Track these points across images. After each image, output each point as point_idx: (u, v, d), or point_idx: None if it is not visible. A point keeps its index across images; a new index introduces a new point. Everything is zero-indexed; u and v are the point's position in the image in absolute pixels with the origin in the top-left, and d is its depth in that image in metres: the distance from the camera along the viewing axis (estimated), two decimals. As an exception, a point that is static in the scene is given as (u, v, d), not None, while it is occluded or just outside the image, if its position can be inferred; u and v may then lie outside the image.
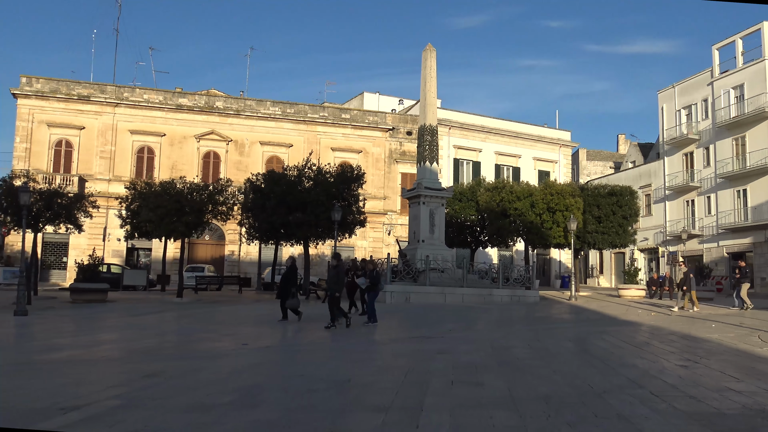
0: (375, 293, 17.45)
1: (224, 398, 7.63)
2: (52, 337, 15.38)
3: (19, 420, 6.44)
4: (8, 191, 26.56)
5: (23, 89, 43.02)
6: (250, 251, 43.65)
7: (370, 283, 17.61)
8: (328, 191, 30.04)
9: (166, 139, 45.29)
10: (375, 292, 17.45)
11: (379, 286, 17.82)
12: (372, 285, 17.49)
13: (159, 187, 29.83)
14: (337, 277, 16.59)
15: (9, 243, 40.60)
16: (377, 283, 17.58)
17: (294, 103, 48.71)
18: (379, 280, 17.86)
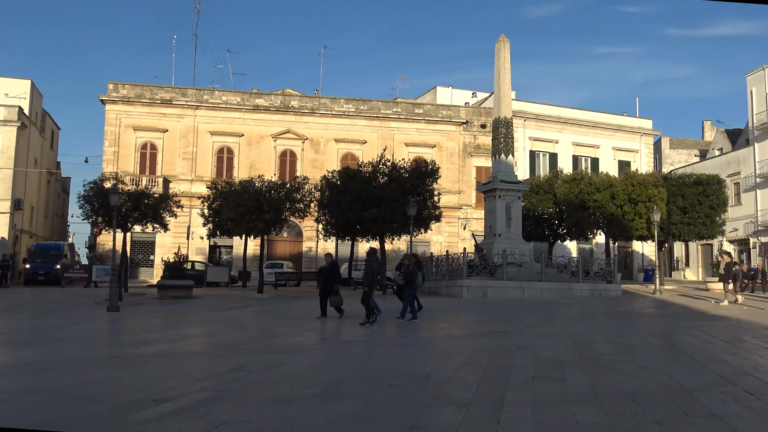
0: (411, 290, 16.87)
1: (307, 391, 7.78)
2: (142, 331, 16.09)
3: (115, 410, 6.76)
4: (99, 193, 27.91)
5: (110, 95, 45.08)
6: (327, 247, 44.28)
7: (405, 279, 17.22)
8: (403, 187, 30.13)
9: (244, 139, 46.49)
10: (411, 289, 16.87)
11: (416, 282, 16.97)
12: (407, 282, 17.03)
13: (239, 186, 30.64)
14: (369, 272, 16.52)
15: (101, 242, 42.67)
16: (412, 280, 16.88)
17: (367, 100, 49.03)
18: (414, 277, 16.95)
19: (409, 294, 16.79)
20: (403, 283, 17.48)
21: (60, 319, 18.73)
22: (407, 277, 17.01)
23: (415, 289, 17.03)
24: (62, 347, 12.94)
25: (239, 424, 6.17)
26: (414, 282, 16.83)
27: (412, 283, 16.82)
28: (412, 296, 16.89)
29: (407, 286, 16.92)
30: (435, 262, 31.34)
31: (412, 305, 16.81)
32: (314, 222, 36.79)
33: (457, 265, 28.57)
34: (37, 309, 22.01)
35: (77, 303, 24.26)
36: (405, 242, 38.86)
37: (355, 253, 38.02)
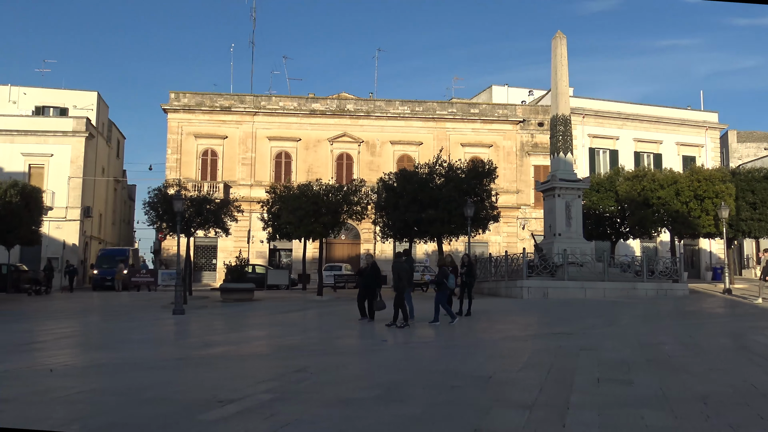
0: (442, 293, 16.57)
1: (369, 393, 7.81)
2: (206, 334, 16.47)
3: (183, 411, 6.94)
4: (163, 200, 28.74)
5: (172, 104, 46.38)
6: (384, 249, 44.43)
7: (436, 282, 16.95)
8: (460, 187, 29.98)
9: (301, 143, 47.09)
10: (442, 292, 16.58)
11: (447, 284, 16.60)
12: (438, 284, 16.74)
13: (297, 190, 31.03)
14: (399, 274, 16.29)
15: (165, 247, 43.92)
16: (443, 282, 16.54)
17: (422, 101, 48.98)
18: (444, 279, 16.55)
19: (440, 297, 16.50)
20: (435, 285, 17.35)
21: (128, 322, 19.37)
22: (439, 279, 16.79)
23: (446, 292, 16.76)
24: (131, 349, 13.36)
25: (303, 425, 6.24)
26: (445, 284, 16.57)
27: (444, 286, 16.59)
28: (444, 299, 16.58)
29: (439, 289, 16.69)
30: (494, 262, 31.04)
31: (445, 307, 16.51)
32: (371, 224, 36.96)
33: (516, 266, 28.22)
34: (105, 313, 22.81)
35: (144, 306, 25.03)
36: (463, 243, 38.62)
37: (413, 255, 37.99)
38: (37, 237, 34.65)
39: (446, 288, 16.51)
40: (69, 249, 41.84)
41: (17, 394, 8.08)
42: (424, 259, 42.48)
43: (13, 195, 30.47)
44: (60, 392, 8.33)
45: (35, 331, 17.71)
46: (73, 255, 41.81)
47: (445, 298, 16.56)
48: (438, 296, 16.41)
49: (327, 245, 41.93)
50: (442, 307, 16.24)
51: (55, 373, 9.99)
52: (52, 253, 40.89)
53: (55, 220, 41.41)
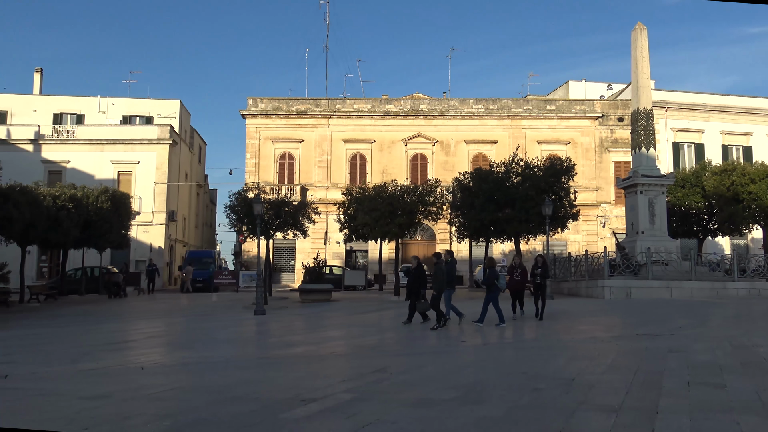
0: (493, 294, 16.24)
1: (449, 394, 7.76)
2: (286, 334, 16.80)
3: (267, 409, 7.08)
4: (243, 203, 29.53)
5: (250, 110, 47.63)
6: (460, 249, 44.09)
7: (485, 283, 16.67)
8: (537, 185, 29.47)
9: (375, 145, 47.41)
10: (493, 293, 16.25)
11: (497, 285, 16.31)
12: (488, 285, 16.45)
13: (372, 191, 31.26)
14: (437, 275, 16.09)
15: (245, 249, 45.11)
16: (493, 283, 16.23)
17: (497, 99, 48.42)
18: (495, 280, 16.23)
19: (490, 297, 16.21)
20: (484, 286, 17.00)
21: (212, 323, 19.98)
22: (487, 280, 16.52)
23: (497, 293, 16.43)
24: (215, 348, 13.79)
25: (385, 425, 6.25)
26: (495, 285, 16.31)
27: (494, 286, 16.31)
28: (495, 300, 16.24)
29: (488, 290, 16.40)
30: (573, 262, 30.33)
31: (496, 307, 16.13)
32: (447, 224, 36.81)
33: (597, 265, 27.48)
34: (190, 313, 23.60)
35: (226, 307, 25.76)
36: (541, 242, 37.93)
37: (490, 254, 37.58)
38: (126, 241, 36.24)
39: (497, 289, 16.32)
40: (155, 252, 43.58)
41: (112, 391, 8.46)
42: (500, 259, 41.97)
43: (103, 201, 31.98)
44: (151, 389, 8.68)
45: (126, 330, 18.53)
46: (159, 258, 43.52)
47: (496, 299, 16.26)
48: (488, 297, 16.19)
49: (403, 246, 41.98)
50: (494, 307, 15.97)
51: (146, 370, 10.42)
52: (140, 256, 42.71)
53: (142, 224, 43.21)
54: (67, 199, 29.16)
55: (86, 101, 49.27)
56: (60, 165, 44.30)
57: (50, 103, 49.07)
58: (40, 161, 44.10)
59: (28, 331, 17.51)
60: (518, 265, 17.31)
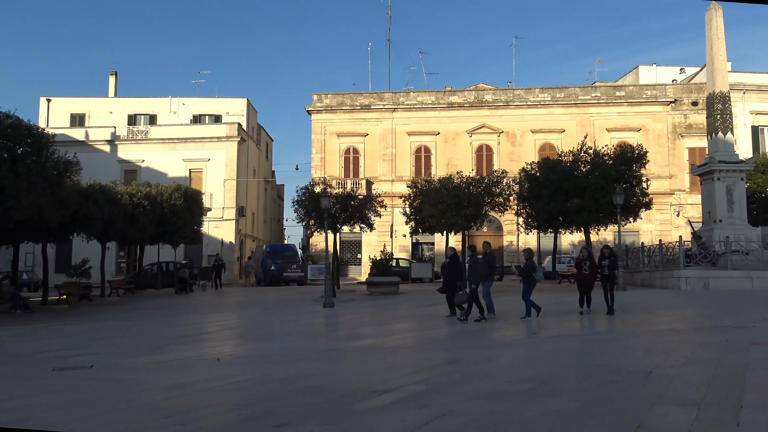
0: (528, 286, 15.89)
1: (522, 386, 7.67)
2: (355, 326, 16.94)
3: (340, 400, 7.17)
4: (311, 197, 29.93)
5: (315, 106, 48.19)
6: (528, 240, 43.56)
7: (523, 275, 16.23)
8: (608, 174, 28.75)
9: (440, 137, 47.21)
10: (528, 285, 15.90)
11: (535, 277, 15.91)
12: (525, 277, 16.05)
13: (438, 183, 31.14)
14: (473, 267, 15.73)
15: (313, 243, 45.75)
16: (530, 275, 15.85)
17: (563, 87, 47.39)
18: (532, 272, 15.89)
19: (527, 290, 15.89)
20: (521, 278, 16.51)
21: (282, 315, 20.36)
22: (525, 272, 16.12)
23: (533, 285, 16.07)
24: (287, 341, 14.05)
25: (457, 416, 6.24)
26: (532, 277, 15.95)
27: (531, 278, 15.95)
28: (530, 292, 15.92)
29: (526, 282, 16.02)
30: (647, 252, 29.45)
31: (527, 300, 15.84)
32: (514, 215, 36.35)
33: (672, 255, 26.60)
34: (261, 306, 24.08)
35: (295, 300, 26.17)
36: (612, 233, 37.04)
37: (559, 245, 36.95)
38: (198, 236, 37.30)
39: (534, 281, 15.99)
40: (226, 247, 44.75)
41: (190, 381, 8.74)
42: (569, 250, 41.19)
43: (176, 198, 33.00)
44: (227, 380, 8.93)
45: (201, 323, 19.09)
46: (230, 252, 44.64)
47: (531, 290, 15.93)
48: (525, 289, 15.88)
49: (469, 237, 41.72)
50: (525, 299, 15.72)
51: (222, 362, 10.71)
52: (212, 251, 43.92)
53: (213, 220, 44.41)
54: (143, 197, 30.22)
55: (158, 102, 50.96)
56: (135, 164, 46.02)
57: (125, 104, 50.99)
58: (116, 161, 45.92)
59: (109, 324, 18.27)
60: (586, 257, 16.53)
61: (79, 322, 18.74)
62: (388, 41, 62.85)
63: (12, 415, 6.77)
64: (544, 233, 35.39)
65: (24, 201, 18.05)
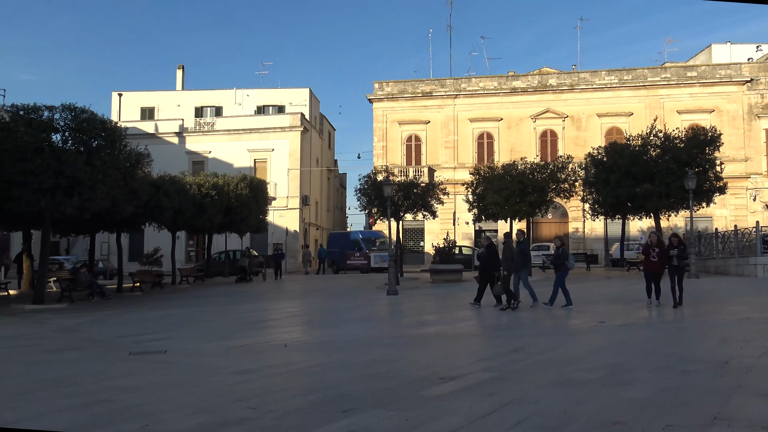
0: (562, 273, 15.49)
1: (592, 375, 7.53)
2: (419, 313, 16.96)
3: (407, 386, 7.19)
4: (373, 186, 30.04)
5: (376, 94, 48.26)
6: (594, 227, 42.64)
7: (554, 263, 15.83)
8: (679, 158, 27.79)
9: (503, 123, 46.59)
10: (562, 273, 15.50)
11: (567, 265, 15.51)
12: (557, 265, 15.63)
13: (501, 170, 30.75)
14: (506, 256, 15.35)
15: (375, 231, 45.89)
16: (562, 263, 15.44)
17: (631, 69, 45.95)
18: (564, 260, 15.47)
19: (559, 278, 15.51)
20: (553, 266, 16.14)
21: (347, 303, 20.55)
22: (556, 260, 15.72)
23: (566, 273, 15.67)
24: (352, 327, 14.18)
25: (526, 404, 6.17)
26: (565, 265, 15.53)
27: (563, 266, 15.53)
28: (563, 280, 15.53)
29: (557, 270, 15.63)
30: (721, 238, 28.37)
31: (561, 287, 15.46)
32: (580, 201, 35.60)
33: (748, 241, 25.56)
34: (326, 294, 24.38)
35: (359, 288, 26.38)
36: (683, 218, 35.86)
37: (627, 232, 36.00)
38: (264, 225, 38.00)
39: (566, 269, 15.63)
40: (291, 235, 45.45)
41: (259, 366, 8.94)
42: (638, 237, 40.08)
43: (242, 188, 33.69)
44: (295, 366, 9.09)
45: (268, 310, 19.48)
46: (295, 241, 45.34)
47: (563, 278, 15.58)
48: (558, 277, 15.54)
49: (533, 225, 41.16)
50: (561, 289, 15.35)
51: (289, 348, 10.91)
52: (277, 240, 44.69)
53: (278, 209, 45.17)
54: (210, 187, 30.98)
55: (223, 94, 52.08)
56: (202, 155, 47.21)
57: (192, 97, 52.34)
58: (184, 152, 47.21)
59: (180, 311, 18.85)
60: (655, 243, 15.45)
61: (152, 309, 19.41)
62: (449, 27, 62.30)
63: (93, 396, 7.07)
64: (612, 219, 34.62)
65: (99, 192, 18.73)
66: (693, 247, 24.75)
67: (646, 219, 33.71)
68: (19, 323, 15.92)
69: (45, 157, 17.79)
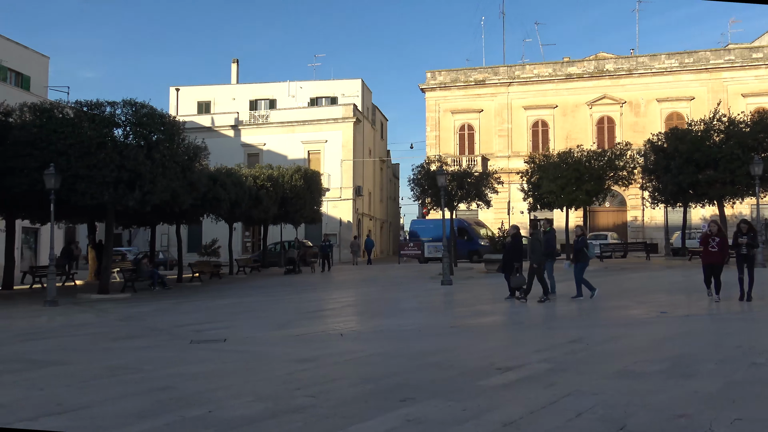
0: (581, 264, 15.09)
1: (654, 366, 7.35)
2: (474, 303, 16.86)
3: (464, 376, 7.16)
4: (426, 176, 29.97)
5: (429, 84, 48.03)
6: (654, 215, 41.52)
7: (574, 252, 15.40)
8: (744, 143, 26.80)
9: (558, 110, 45.77)
10: (581, 263, 15.09)
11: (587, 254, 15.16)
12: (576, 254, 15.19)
13: (557, 158, 30.27)
14: (534, 247, 14.94)
15: (429, 221, 45.79)
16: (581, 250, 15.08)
17: (692, 52, 44.45)
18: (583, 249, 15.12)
19: (579, 269, 15.10)
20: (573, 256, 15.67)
21: (401, 293, 20.62)
22: (577, 250, 15.29)
23: (586, 263, 15.26)
24: (407, 317, 14.22)
25: (586, 396, 6.06)
26: (585, 255, 15.15)
27: (583, 256, 15.14)
28: (583, 270, 15.12)
29: (577, 260, 15.19)
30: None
31: (580, 279, 15.10)
32: (639, 189, 34.72)
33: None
34: (380, 284, 24.48)
35: (413, 278, 26.40)
36: (749, 206, 34.57)
37: (689, 220, 34.96)
38: (318, 216, 38.39)
39: (586, 258, 15.28)
40: (344, 226, 45.77)
41: (317, 355, 9.04)
42: (701, 225, 38.85)
43: (297, 179, 34.10)
44: (351, 355, 9.16)
45: (323, 299, 19.69)
46: (348, 231, 45.62)
47: (584, 269, 15.22)
48: (577, 267, 15.17)
49: (590, 213, 40.37)
50: (577, 279, 15.10)
51: (345, 337, 11.00)
52: (331, 230, 45.08)
53: (332, 200, 45.50)
54: (266, 179, 31.45)
55: (277, 87, 52.64)
56: (257, 147, 47.92)
57: (246, 91, 53.10)
58: (240, 145, 48.00)
59: (238, 300, 19.22)
60: (715, 232, 14.14)
61: (212, 298, 19.84)
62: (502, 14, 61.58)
63: (157, 383, 7.28)
64: (673, 207, 33.64)
65: (159, 185, 19.22)
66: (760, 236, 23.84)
67: (708, 207, 32.67)
68: (85, 312, 16.52)
69: (108, 151, 18.34)
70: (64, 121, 18.82)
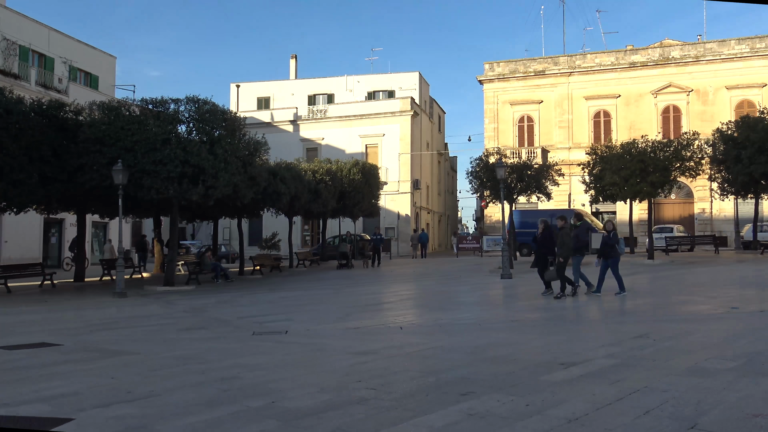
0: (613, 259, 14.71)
1: (725, 364, 7.07)
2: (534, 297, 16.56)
3: (526, 370, 7.05)
4: (485, 168, 29.68)
5: (487, 75, 47.51)
6: (723, 208, 40.08)
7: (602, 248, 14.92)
8: (822, 131, 25.57)
9: (621, 99, 44.62)
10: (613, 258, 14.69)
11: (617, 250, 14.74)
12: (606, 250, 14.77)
13: (620, 148, 29.47)
14: (563, 240, 14.36)
15: (487, 214, 45.45)
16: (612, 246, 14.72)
17: (764, 36, 42.57)
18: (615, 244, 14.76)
19: (612, 264, 14.70)
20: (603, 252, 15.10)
21: (460, 286, 20.49)
22: (605, 246, 14.83)
23: (618, 259, 14.78)
24: (467, 311, 14.12)
25: (655, 393, 5.88)
26: (616, 250, 14.70)
27: (613, 251, 14.69)
28: (616, 266, 14.70)
29: (608, 256, 14.75)
30: None
31: (617, 275, 14.66)
32: (707, 180, 33.55)
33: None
34: (438, 277, 24.40)
35: (472, 271, 26.21)
36: (826, 197, 32.95)
37: (760, 212, 33.58)
38: (376, 209, 38.53)
39: (617, 254, 14.85)
40: (402, 219, 45.79)
41: (378, 348, 9.07)
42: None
43: (355, 173, 34.28)
44: (412, 348, 9.15)
45: (381, 292, 19.74)
46: (406, 225, 45.64)
47: (616, 264, 14.81)
48: (611, 263, 14.80)
49: (655, 206, 39.21)
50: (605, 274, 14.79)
51: (405, 330, 10.99)
52: (389, 224, 45.20)
53: (390, 194, 45.59)
54: (324, 173, 31.73)
55: (334, 81, 53.01)
56: (315, 142, 48.41)
57: (304, 86, 53.68)
58: (299, 140, 48.60)
59: (298, 293, 19.46)
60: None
61: (272, 291, 20.15)
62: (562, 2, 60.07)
63: (221, 373, 7.43)
64: (743, 199, 32.39)
65: (221, 180, 19.61)
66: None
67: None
68: (151, 304, 17.02)
69: (172, 147, 18.81)
70: (131, 118, 19.39)
